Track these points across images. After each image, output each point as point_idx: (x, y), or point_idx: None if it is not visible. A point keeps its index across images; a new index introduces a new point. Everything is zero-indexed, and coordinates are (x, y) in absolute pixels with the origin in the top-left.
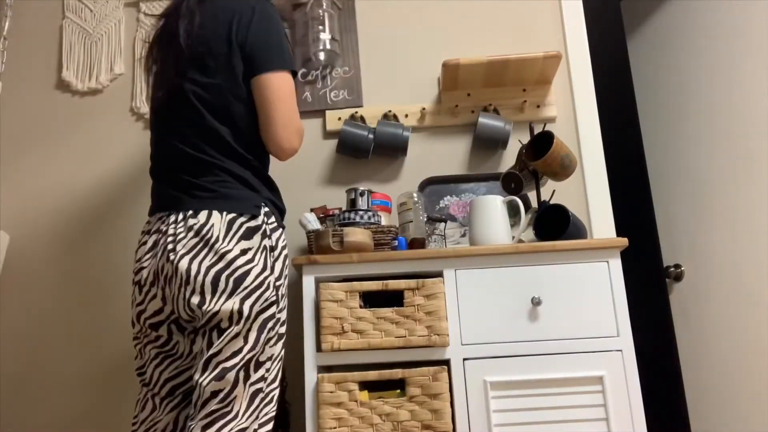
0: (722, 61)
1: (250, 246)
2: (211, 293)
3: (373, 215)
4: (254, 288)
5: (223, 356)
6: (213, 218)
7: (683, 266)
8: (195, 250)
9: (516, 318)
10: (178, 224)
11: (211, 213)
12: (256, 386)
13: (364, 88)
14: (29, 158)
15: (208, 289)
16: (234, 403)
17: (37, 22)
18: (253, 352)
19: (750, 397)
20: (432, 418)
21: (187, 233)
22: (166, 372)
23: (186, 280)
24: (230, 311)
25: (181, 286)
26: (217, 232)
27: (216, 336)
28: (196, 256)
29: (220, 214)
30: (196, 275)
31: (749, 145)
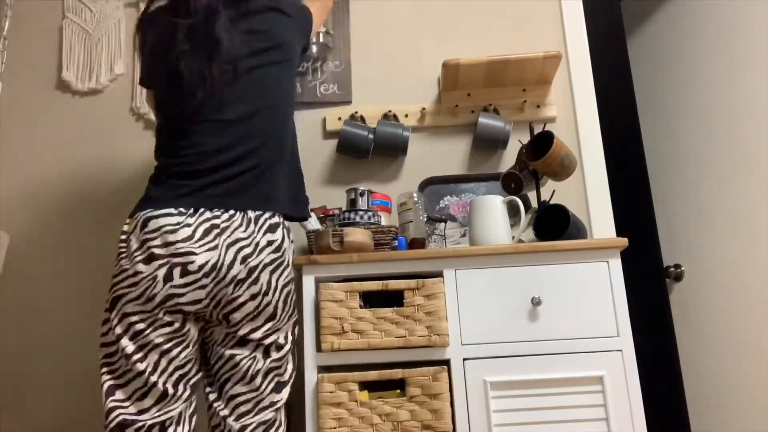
0: (722, 61)
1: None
2: (282, 310)
3: (373, 215)
4: (296, 314)
5: (281, 371)
6: (286, 241)
7: (683, 266)
8: (273, 265)
9: (516, 318)
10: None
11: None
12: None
13: (362, 86)
14: (29, 158)
15: (281, 306)
16: (281, 415)
17: (37, 22)
18: (294, 372)
19: (750, 397)
20: (432, 418)
21: (267, 246)
22: (177, 360)
23: (266, 291)
24: (287, 331)
25: (258, 295)
26: (288, 257)
27: (275, 351)
28: (275, 271)
29: (289, 239)
30: (275, 290)
31: (749, 145)
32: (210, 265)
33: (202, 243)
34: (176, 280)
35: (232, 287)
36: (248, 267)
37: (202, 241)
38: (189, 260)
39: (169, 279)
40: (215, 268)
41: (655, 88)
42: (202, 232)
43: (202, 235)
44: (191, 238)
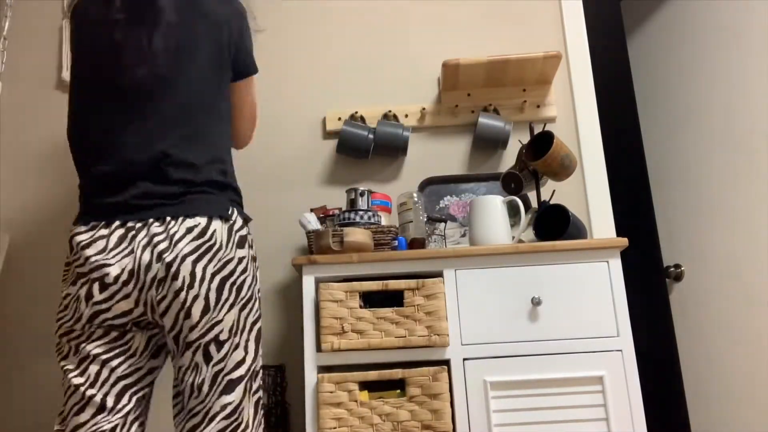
0: (722, 61)
1: (244, 255)
2: (215, 301)
3: (373, 215)
4: (248, 299)
5: (228, 368)
6: (214, 223)
7: (683, 266)
8: (198, 253)
9: (516, 318)
10: (170, 224)
11: (212, 218)
12: (256, 396)
13: (363, 88)
14: (29, 158)
15: (213, 297)
16: (243, 414)
17: (37, 22)
18: (254, 364)
19: (750, 397)
20: (432, 418)
21: (186, 234)
22: (119, 369)
23: (189, 284)
24: (233, 321)
25: (182, 290)
26: (221, 239)
27: (215, 349)
28: (200, 260)
29: (220, 220)
30: (202, 281)
31: (749, 144)
32: (127, 273)
33: (116, 252)
34: (96, 296)
35: (155, 290)
36: (164, 263)
37: (116, 250)
38: (104, 273)
39: (90, 297)
40: (133, 275)
41: (655, 88)
42: (116, 240)
43: (116, 244)
44: (105, 249)
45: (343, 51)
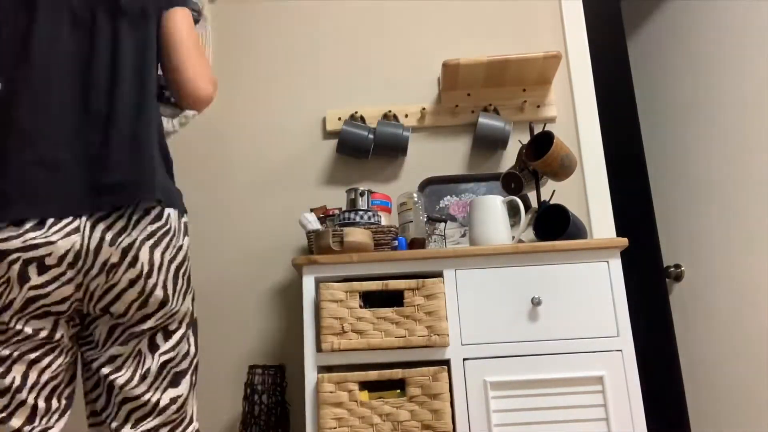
0: (722, 61)
1: (187, 244)
2: (173, 290)
3: (373, 215)
4: (191, 288)
5: (176, 361)
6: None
7: (683, 266)
8: (154, 238)
9: (516, 318)
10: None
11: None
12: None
13: (363, 87)
14: None
15: (170, 286)
16: (187, 407)
17: None
18: (197, 356)
19: (750, 396)
20: (432, 418)
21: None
22: (48, 372)
23: (149, 272)
24: (184, 313)
25: (140, 278)
26: (174, 224)
27: (162, 339)
28: (157, 246)
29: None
30: (159, 268)
31: (749, 144)
32: (73, 254)
33: (58, 229)
34: (34, 279)
35: (105, 275)
36: (120, 247)
37: (59, 227)
38: (47, 252)
39: (25, 280)
40: (79, 257)
41: (655, 88)
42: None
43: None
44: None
45: (343, 51)
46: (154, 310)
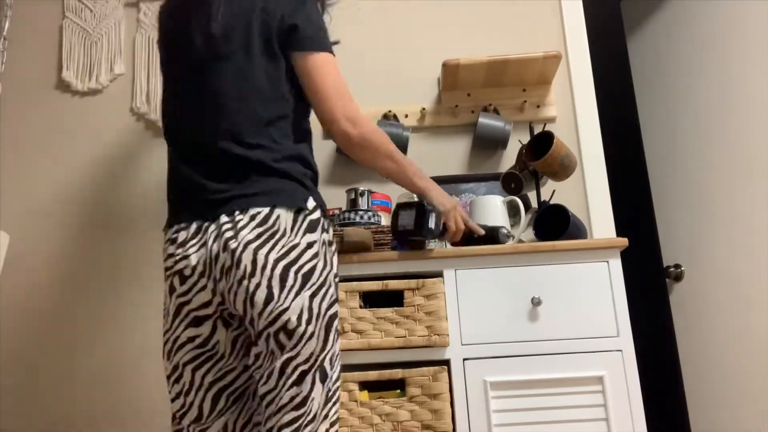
0: (722, 61)
1: (312, 240)
2: (279, 288)
3: (373, 215)
4: (320, 285)
5: (301, 359)
6: (277, 210)
7: (683, 266)
8: (260, 240)
9: (516, 318)
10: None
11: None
12: (328, 386)
13: (363, 88)
14: (29, 158)
15: (276, 284)
16: (313, 406)
17: (37, 22)
18: (324, 353)
19: (750, 396)
20: (432, 418)
21: (249, 222)
22: (210, 375)
23: (251, 272)
24: (301, 308)
25: (244, 278)
26: (284, 225)
27: (285, 338)
28: (262, 247)
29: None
30: (263, 267)
31: (749, 144)
32: (202, 264)
33: (193, 243)
34: (178, 288)
35: (224, 279)
36: (230, 251)
37: (193, 241)
38: (184, 265)
39: (173, 290)
40: (207, 265)
41: (655, 88)
42: (194, 231)
43: (193, 234)
44: (185, 242)
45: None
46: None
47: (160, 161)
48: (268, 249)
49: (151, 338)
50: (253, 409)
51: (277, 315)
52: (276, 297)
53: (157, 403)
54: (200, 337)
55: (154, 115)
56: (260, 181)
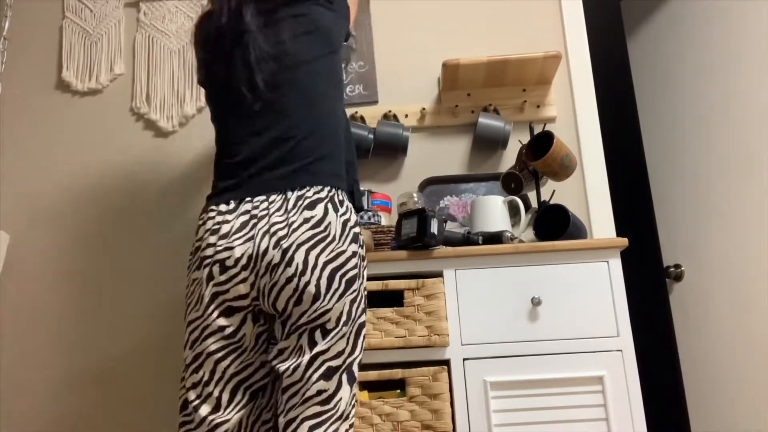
0: (722, 61)
1: (356, 251)
2: (326, 289)
3: (373, 215)
4: (357, 293)
5: (330, 355)
6: (329, 216)
7: (683, 266)
8: (312, 242)
9: (516, 318)
10: (290, 213)
11: (327, 209)
12: (354, 390)
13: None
14: (29, 158)
15: (324, 285)
16: (340, 405)
17: (37, 22)
18: (353, 356)
19: (750, 396)
20: (432, 418)
21: (303, 224)
22: (232, 367)
23: (302, 271)
24: (341, 311)
25: (294, 276)
26: (334, 231)
27: (320, 335)
28: (313, 248)
29: (335, 213)
30: (314, 268)
31: (749, 144)
32: (246, 257)
33: (238, 236)
34: (217, 277)
35: (269, 275)
36: (281, 249)
37: (238, 234)
38: (227, 255)
39: (210, 278)
40: (251, 259)
41: (655, 88)
42: (239, 224)
43: (239, 228)
44: (229, 234)
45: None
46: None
47: (159, 161)
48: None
49: (151, 338)
50: (262, 407)
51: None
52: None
53: (157, 402)
54: (229, 328)
55: (154, 115)
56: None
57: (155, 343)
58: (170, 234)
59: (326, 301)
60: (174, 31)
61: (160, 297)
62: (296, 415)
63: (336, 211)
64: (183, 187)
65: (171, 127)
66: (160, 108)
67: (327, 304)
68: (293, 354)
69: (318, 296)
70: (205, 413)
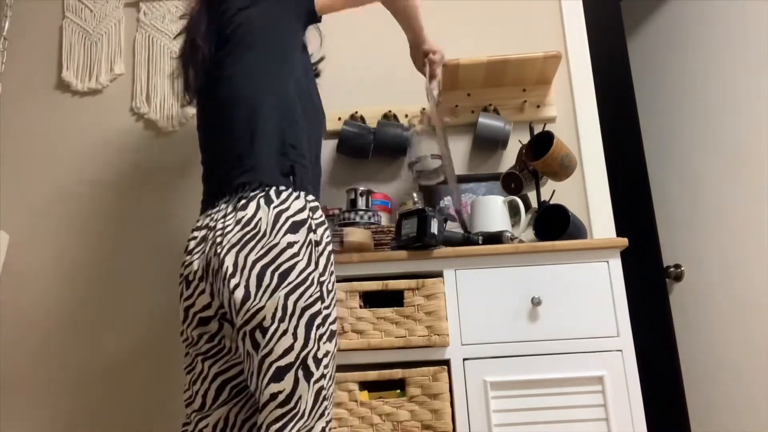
0: (722, 61)
1: (293, 240)
2: (256, 287)
3: (373, 215)
4: (298, 284)
5: (275, 356)
6: (260, 211)
7: (683, 266)
8: (241, 243)
9: (516, 318)
10: (227, 217)
11: (258, 205)
12: (318, 384)
13: (363, 88)
14: (29, 158)
15: (253, 283)
16: (300, 403)
17: (37, 22)
18: (307, 350)
19: (749, 397)
20: (432, 418)
21: (235, 226)
22: (216, 366)
23: (232, 273)
24: (275, 307)
25: (226, 280)
26: (264, 226)
27: (260, 336)
28: (243, 249)
29: (267, 207)
30: (243, 269)
31: (749, 144)
32: (201, 269)
33: (197, 250)
34: (185, 292)
35: (216, 282)
36: (217, 256)
37: (198, 248)
38: (189, 271)
39: (181, 294)
40: (204, 270)
41: (655, 88)
42: (200, 238)
43: (199, 242)
44: (192, 250)
45: (343, 51)
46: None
47: (159, 161)
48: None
49: (151, 338)
50: (255, 406)
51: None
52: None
53: (157, 402)
54: (210, 333)
55: (154, 114)
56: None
57: (155, 343)
58: (170, 234)
59: (257, 300)
60: (174, 31)
61: (160, 297)
62: (261, 422)
63: (269, 205)
64: (183, 188)
65: (171, 127)
66: (160, 108)
67: (258, 302)
68: (246, 360)
69: (248, 296)
70: (191, 411)
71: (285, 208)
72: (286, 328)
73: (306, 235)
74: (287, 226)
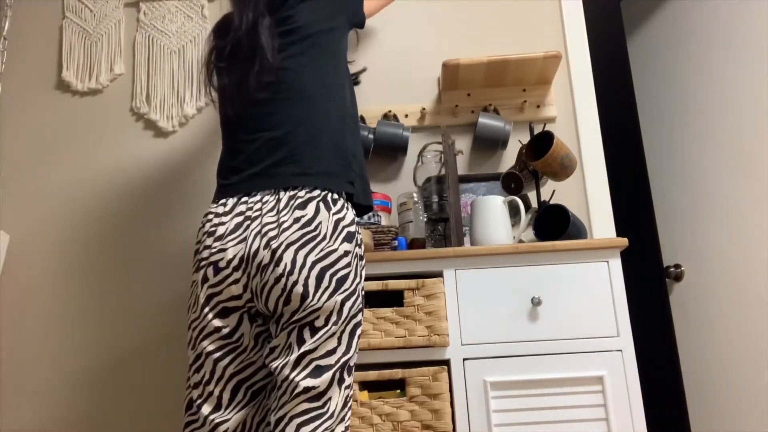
0: (722, 61)
1: (348, 249)
2: (315, 288)
3: (373, 215)
4: (351, 292)
5: (318, 354)
6: (320, 215)
7: (683, 266)
8: (301, 242)
9: (516, 318)
10: (282, 212)
11: (318, 208)
12: (348, 391)
13: (363, 87)
14: (29, 158)
15: (312, 284)
16: (330, 404)
17: (37, 22)
18: (347, 356)
19: (750, 397)
20: (432, 418)
21: (293, 224)
22: (231, 367)
23: (290, 270)
24: (331, 309)
25: (282, 276)
26: (325, 230)
27: (309, 333)
28: (302, 248)
29: (327, 212)
30: (302, 267)
31: (749, 144)
32: (238, 258)
33: (231, 237)
34: (211, 279)
35: (260, 275)
36: (271, 250)
37: (232, 236)
38: (220, 257)
39: (205, 280)
40: (243, 260)
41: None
42: (233, 226)
43: (233, 229)
44: (223, 236)
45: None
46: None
47: (159, 161)
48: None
49: (153, 338)
50: (268, 407)
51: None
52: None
53: (159, 402)
54: (226, 328)
55: (154, 114)
56: None
57: (156, 344)
58: (170, 234)
59: (315, 300)
60: (174, 31)
61: (161, 296)
62: (285, 413)
63: (328, 210)
64: (183, 187)
65: (171, 127)
66: (160, 108)
67: (316, 302)
68: (283, 352)
69: (306, 295)
70: (207, 412)
71: (341, 217)
72: (334, 332)
73: (354, 247)
74: (344, 234)
